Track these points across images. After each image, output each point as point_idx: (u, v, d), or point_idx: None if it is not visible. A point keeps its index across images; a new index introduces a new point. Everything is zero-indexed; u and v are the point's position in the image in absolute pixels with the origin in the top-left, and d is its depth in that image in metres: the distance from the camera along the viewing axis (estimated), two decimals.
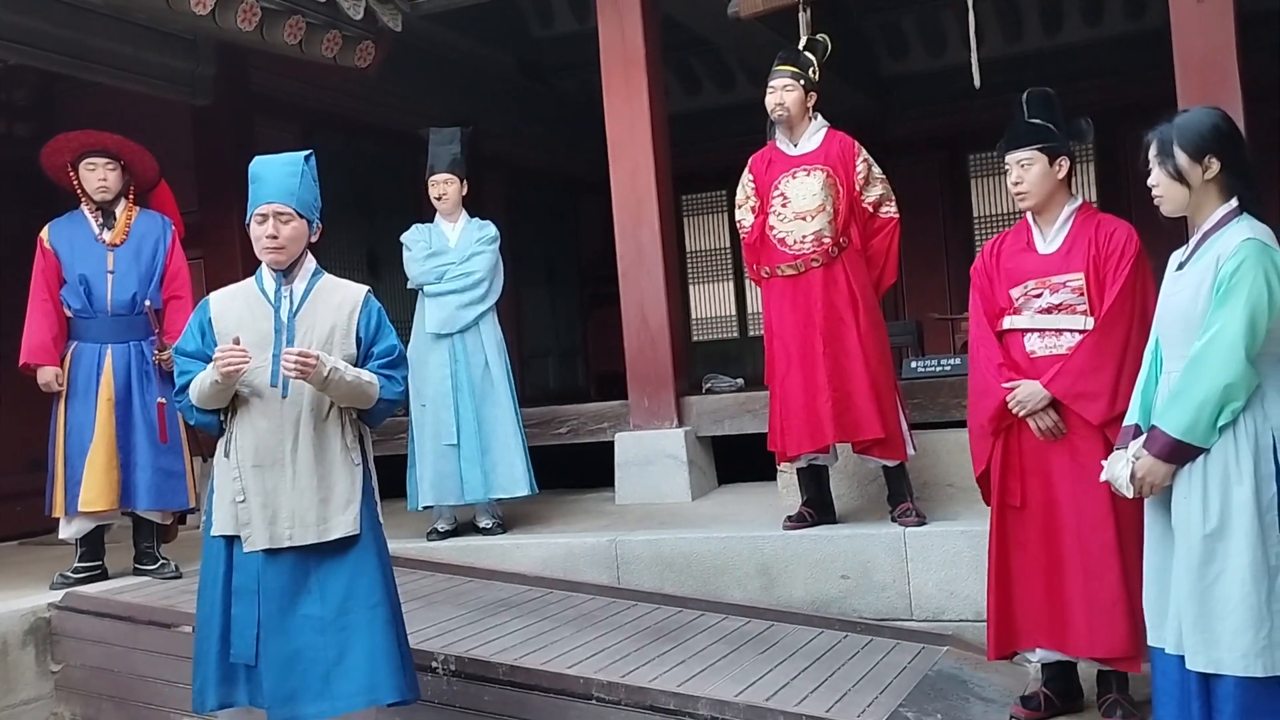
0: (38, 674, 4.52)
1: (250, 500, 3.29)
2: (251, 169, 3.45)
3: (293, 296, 3.41)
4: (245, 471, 3.31)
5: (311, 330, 3.37)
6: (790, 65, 4.90)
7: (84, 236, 5.01)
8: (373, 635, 3.28)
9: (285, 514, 3.28)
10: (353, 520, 3.32)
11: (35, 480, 5.14)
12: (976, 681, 3.93)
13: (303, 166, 3.43)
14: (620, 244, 6.14)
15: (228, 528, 3.32)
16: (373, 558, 3.37)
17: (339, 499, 3.32)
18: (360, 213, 8.45)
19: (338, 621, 3.27)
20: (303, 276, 3.45)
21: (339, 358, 3.32)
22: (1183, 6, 5.12)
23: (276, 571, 3.28)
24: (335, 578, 3.30)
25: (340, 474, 3.35)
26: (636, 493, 5.93)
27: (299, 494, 3.29)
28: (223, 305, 3.43)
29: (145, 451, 4.88)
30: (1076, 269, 3.58)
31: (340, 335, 3.39)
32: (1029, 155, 3.61)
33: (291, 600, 3.27)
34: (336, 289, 3.48)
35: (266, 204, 3.36)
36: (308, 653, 3.25)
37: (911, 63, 10.81)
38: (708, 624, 4.44)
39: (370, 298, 3.49)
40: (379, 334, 3.44)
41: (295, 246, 3.40)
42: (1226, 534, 2.72)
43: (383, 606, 3.33)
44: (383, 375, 3.40)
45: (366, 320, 3.43)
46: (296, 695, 3.23)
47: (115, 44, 6.22)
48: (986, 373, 3.66)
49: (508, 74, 10.05)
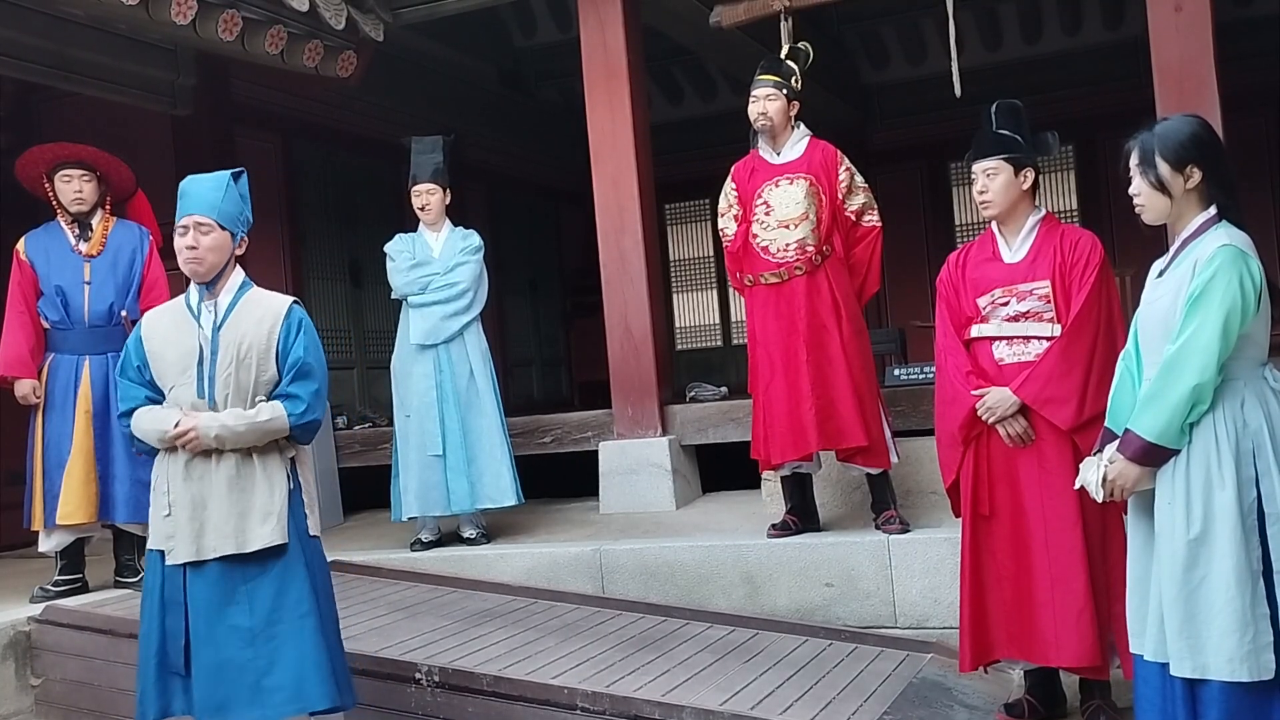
0: (17, 688, 4.47)
1: (178, 513, 3.33)
2: (180, 186, 3.47)
3: (216, 310, 3.43)
4: (174, 485, 3.35)
5: (233, 345, 3.38)
6: (772, 74, 4.92)
7: (60, 248, 4.98)
8: (301, 644, 3.32)
9: (211, 526, 3.32)
10: (272, 531, 3.33)
11: (13, 493, 5.11)
12: (961, 689, 3.94)
13: (228, 182, 3.46)
14: (603, 253, 6.14)
15: (157, 542, 3.37)
16: (301, 568, 3.38)
17: (259, 511, 3.35)
18: (342, 223, 8.43)
19: (266, 631, 3.31)
20: (228, 290, 3.45)
21: (259, 379, 3.37)
22: (1161, 16, 5.17)
23: (204, 583, 3.31)
24: (263, 588, 3.33)
25: (259, 485, 3.37)
26: (620, 502, 5.92)
27: (220, 506, 3.32)
28: (152, 323, 3.49)
29: (124, 463, 4.84)
30: (1043, 277, 3.62)
31: (259, 355, 3.40)
32: (994, 165, 3.65)
33: (219, 611, 3.30)
34: (260, 302, 3.48)
35: (187, 216, 3.39)
36: (236, 662, 3.29)
37: (892, 72, 10.87)
38: (692, 633, 4.43)
39: (293, 309, 3.47)
40: (294, 344, 3.42)
41: (215, 258, 3.40)
42: (1210, 539, 2.72)
43: (311, 616, 3.36)
44: (287, 399, 3.39)
45: (286, 335, 3.42)
46: (227, 704, 3.28)
47: (95, 54, 6.19)
48: (955, 380, 3.67)
49: (490, 84, 10.05)
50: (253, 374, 3.38)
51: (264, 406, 3.37)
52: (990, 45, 10.15)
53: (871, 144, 10.63)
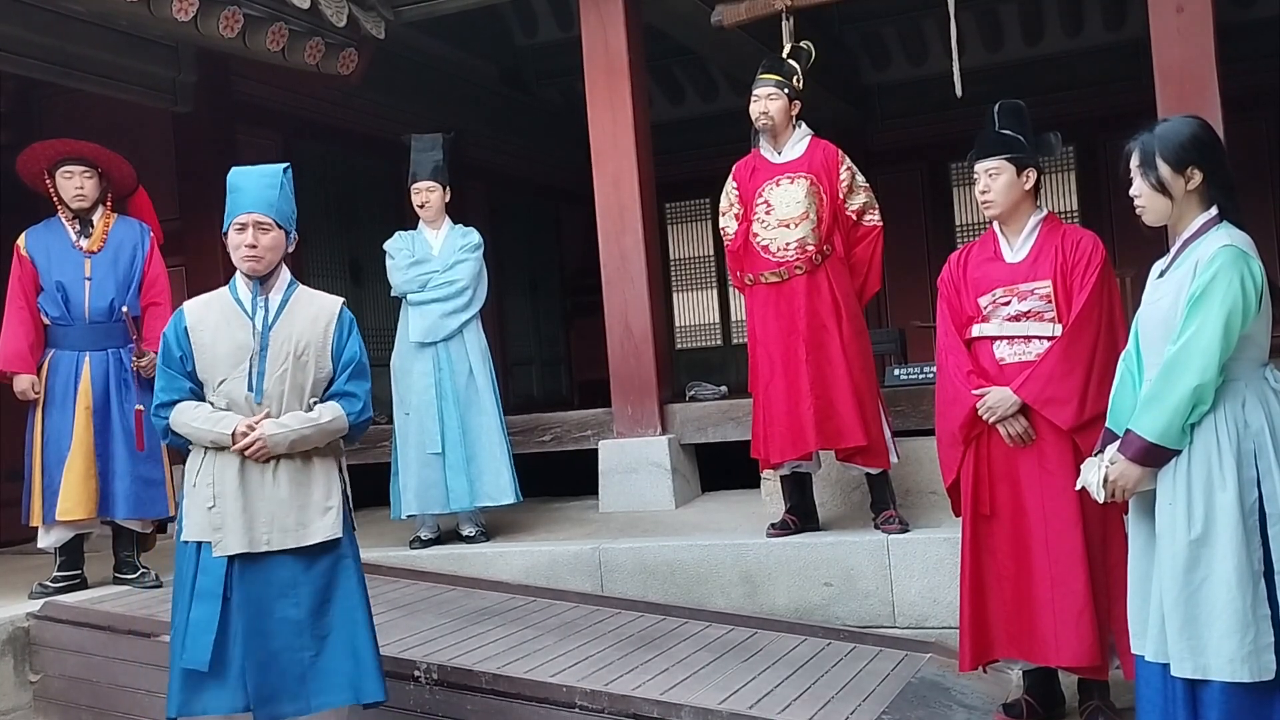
0: (16, 684, 4.47)
1: (227, 505, 3.30)
2: (230, 179, 3.47)
3: (269, 307, 3.42)
4: (222, 478, 3.32)
5: (287, 343, 3.39)
6: (774, 74, 4.92)
7: (61, 244, 4.98)
8: (353, 636, 3.35)
9: (264, 518, 3.31)
10: (331, 524, 3.36)
11: (12, 489, 5.10)
12: (959, 689, 3.94)
13: (281, 178, 3.47)
14: (604, 252, 6.14)
15: (199, 534, 3.33)
16: (351, 561, 3.42)
17: (317, 504, 3.36)
18: (343, 220, 8.43)
19: (318, 624, 3.32)
20: (279, 288, 3.46)
21: (315, 377, 3.38)
22: (1162, 17, 5.17)
23: (253, 575, 3.30)
24: (315, 581, 3.34)
25: (318, 479, 3.38)
26: (620, 500, 5.92)
27: (277, 499, 3.32)
28: (198, 315, 3.43)
29: (124, 460, 4.85)
30: (1044, 277, 3.62)
31: (316, 352, 3.41)
32: (996, 165, 3.65)
33: (271, 603, 3.30)
34: (312, 301, 3.50)
35: (246, 214, 3.38)
36: (287, 654, 3.29)
37: (893, 72, 10.86)
38: (691, 632, 4.43)
39: (344, 310, 3.52)
40: (348, 343, 3.47)
41: (273, 256, 3.42)
42: (1211, 539, 2.72)
43: (361, 609, 3.39)
44: (344, 398, 3.42)
45: (339, 335, 3.46)
46: (277, 695, 3.28)
47: (96, 50, 6.18)
48: (956, 380, 3.67)
49: (491, 82, 10.05)
50: (309, 372, 3.39)
51: (324, 408, 3.39)
52: (991, 46, 10.15)
53: (872, 144, 10.63)
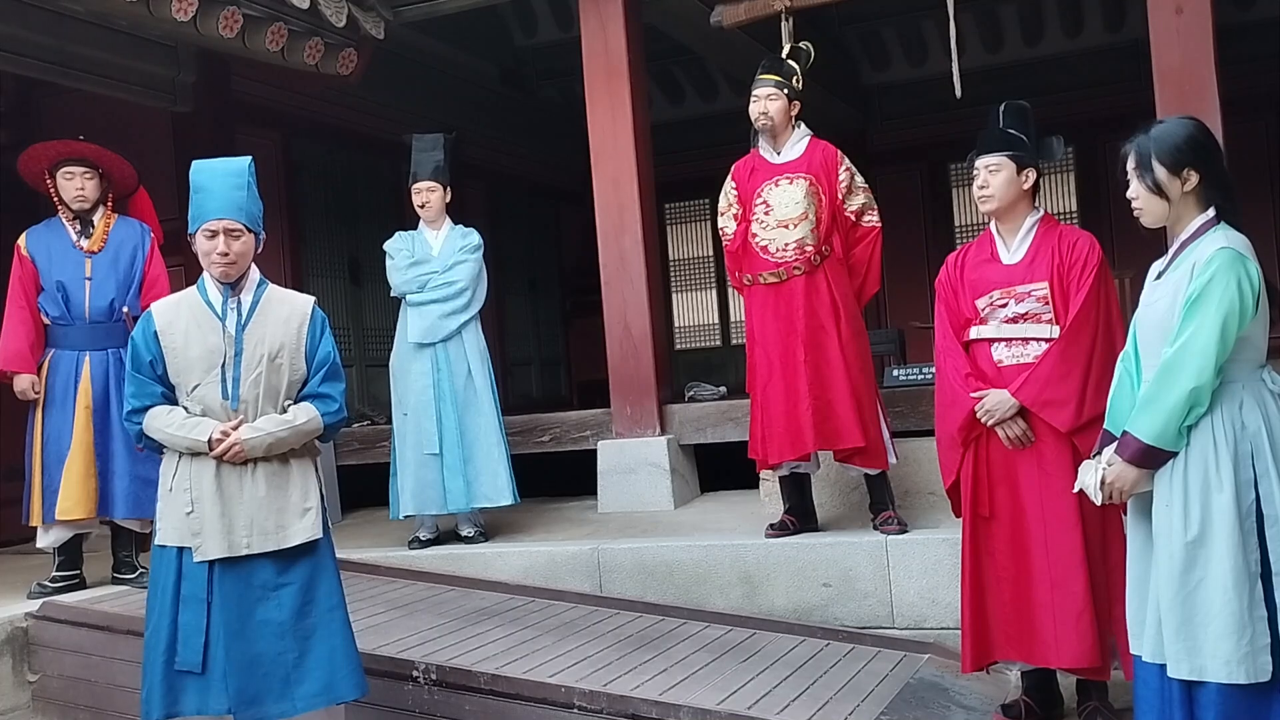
0: (15, 684, 4.48)
1: (205, 510, 3.29)
2: (194, 177, 3.39)
3: (240, 309, 3.40)
4: (199, 483, 3.31)
5: (261, 345, 3.37)
6: (774, 74, 4.92)
7: (61, 244, 4.98)
8: (332, 636, 3.36)
9: (243, 522, 3.30)
10: (310, 525, 3.36)
11: (12, 489, 5.11)
12: (958, 689, 3.94)
13: (247, 176, 3.40)
14: (603, 252, 6.14)
15: (178, 539, 3.31)
16: (329, 561, 3.43)
17: (295, 505, 3.36)
18: (342, 220, 8.43)
19: (299, 625, 3.32)
20: (249, 288, 3.43)
21: (289, 379, 3.38)
22: (1161, 18, 5.17)
23: (233, 579, 3.30)
24: (295, 583, 3.34)
25: (295, 481, 3.38)
26: (619, 501, 5.92)
27: (255, 503, 3.32)
28: (167, 318, 3.38)
29: (123, 459, 4.85)
30: (1041, 278, 3.61)
31: (290, 354, 3.40)
32: (997, 161, 3.64)
33: (252, 606, 3.30)
34: (284, 301, 3.48)
35: (216, 220, 3.33)
36: (268, 656, 3.29)
37: (893, 73, 10.87)
38: (689, 632, 4.44)
39: (316, 309, 3.49)
40: (320, 344, 3.46)
41: (245, 261, 3.40)
42: (1208, 541, 2.73)
43: (340, 609, 3.40)
44: (319, 399, 3.42)
45: (313, 336, 3.45)
46: (260, 698, 3.28)
47: (95, 50, 6.19)
48: (954, 382, 3.67)
49: (490, 82, 10.05)
50: (284, 375, 3.38)
51: (298, 410, 3.38)
52: (991, 47, 10.15)
53: (871, 144, 10.64)
